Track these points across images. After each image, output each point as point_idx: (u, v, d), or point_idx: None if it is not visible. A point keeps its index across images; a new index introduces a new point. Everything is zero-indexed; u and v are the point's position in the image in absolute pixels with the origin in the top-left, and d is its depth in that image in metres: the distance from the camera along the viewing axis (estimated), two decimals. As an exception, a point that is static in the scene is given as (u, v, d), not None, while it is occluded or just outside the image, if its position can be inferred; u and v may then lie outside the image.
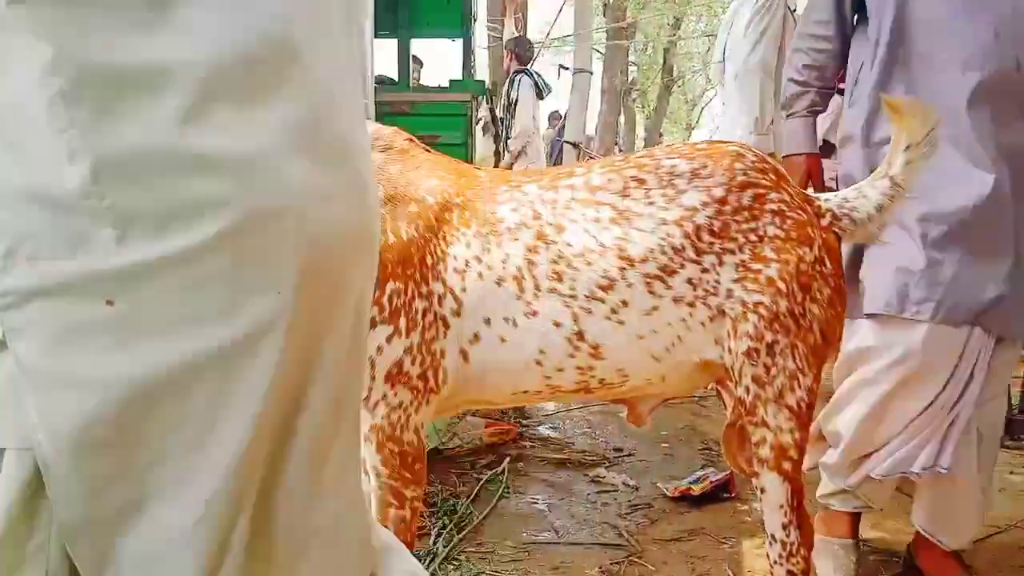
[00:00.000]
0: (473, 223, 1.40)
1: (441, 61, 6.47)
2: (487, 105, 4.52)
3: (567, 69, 8.60)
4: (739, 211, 1.36)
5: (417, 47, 4.91)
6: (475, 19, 4.81)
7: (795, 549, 1.41)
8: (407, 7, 4.28)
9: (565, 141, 7.77)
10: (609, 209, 1.38)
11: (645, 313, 1.35)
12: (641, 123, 18.62)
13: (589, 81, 6.92)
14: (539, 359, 1.37)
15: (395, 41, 4.35)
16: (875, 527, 2.19)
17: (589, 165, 1.47)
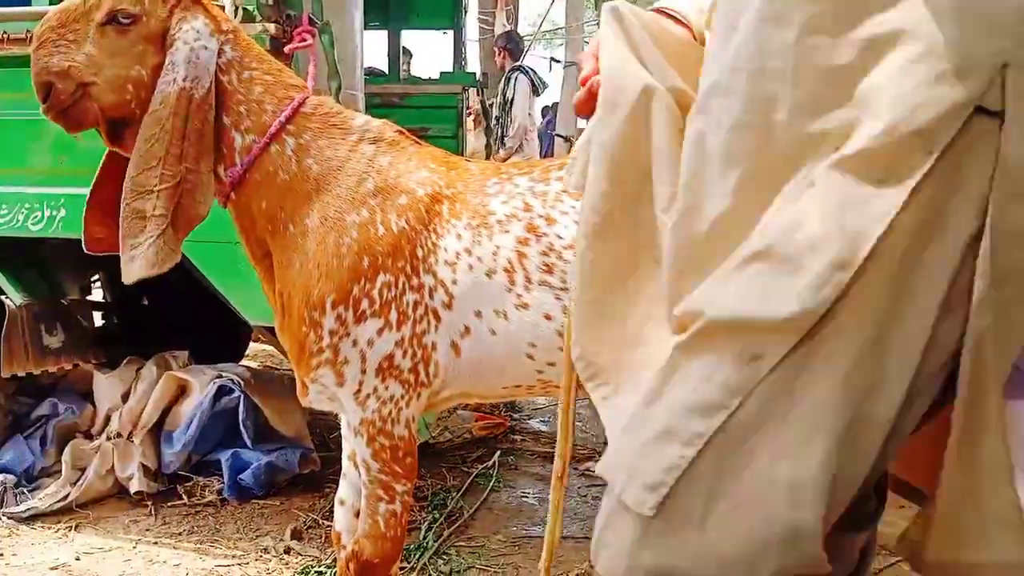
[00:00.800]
0: (464, 215, 1.38)
1: (432, 53, 6.44)
2: (478, 97, 4.49)
3: (558, 62, 8.60)
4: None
5: (408, 39, 4.89)
6: (466, 11, 4.79)
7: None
8: (398, -2, 4.26)
9: (556, 134, 7.76)
10: (601, 201, 1.37)
11: (637, 306, 1.35)
12: (632, 117, 18.59)
13: (580, 75, 6.89)
14: (530, 352, 1.36)
15: (385, 33, 4.32)
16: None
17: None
